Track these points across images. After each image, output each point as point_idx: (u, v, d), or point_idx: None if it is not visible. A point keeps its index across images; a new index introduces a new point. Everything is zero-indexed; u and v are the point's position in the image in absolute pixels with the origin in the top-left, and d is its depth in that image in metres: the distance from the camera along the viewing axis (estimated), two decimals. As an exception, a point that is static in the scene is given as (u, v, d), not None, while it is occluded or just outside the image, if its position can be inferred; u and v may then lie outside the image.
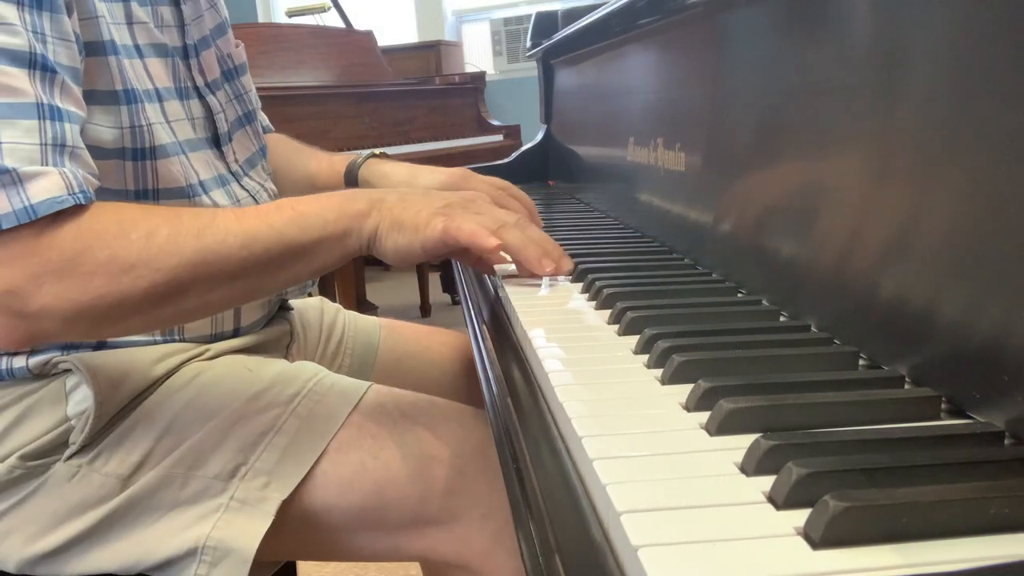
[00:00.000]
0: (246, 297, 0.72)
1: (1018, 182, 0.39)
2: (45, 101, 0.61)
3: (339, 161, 1.01)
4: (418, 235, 0.67)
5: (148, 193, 0.74)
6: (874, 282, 0.50)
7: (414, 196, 0.70)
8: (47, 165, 0.59)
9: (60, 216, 0.59)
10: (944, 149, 0.45)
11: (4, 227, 0.57)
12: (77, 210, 0.60)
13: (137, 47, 0.76)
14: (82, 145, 0.63)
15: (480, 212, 0.70)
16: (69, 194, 0.59)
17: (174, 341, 0.78)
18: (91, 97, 0.69)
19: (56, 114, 0.61)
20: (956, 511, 0.32)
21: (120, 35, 0.74)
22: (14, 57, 0.60)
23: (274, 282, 0.68)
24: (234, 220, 0.64)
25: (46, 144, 0.60)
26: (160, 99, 0.77)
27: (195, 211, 0.66)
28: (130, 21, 0.76)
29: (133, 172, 0.73)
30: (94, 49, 0.69)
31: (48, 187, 0.58)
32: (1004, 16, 0.41)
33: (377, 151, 1.03)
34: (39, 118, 0.60)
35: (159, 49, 0.79)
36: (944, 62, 0.46)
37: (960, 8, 0.44)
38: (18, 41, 0.60)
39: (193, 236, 0.62)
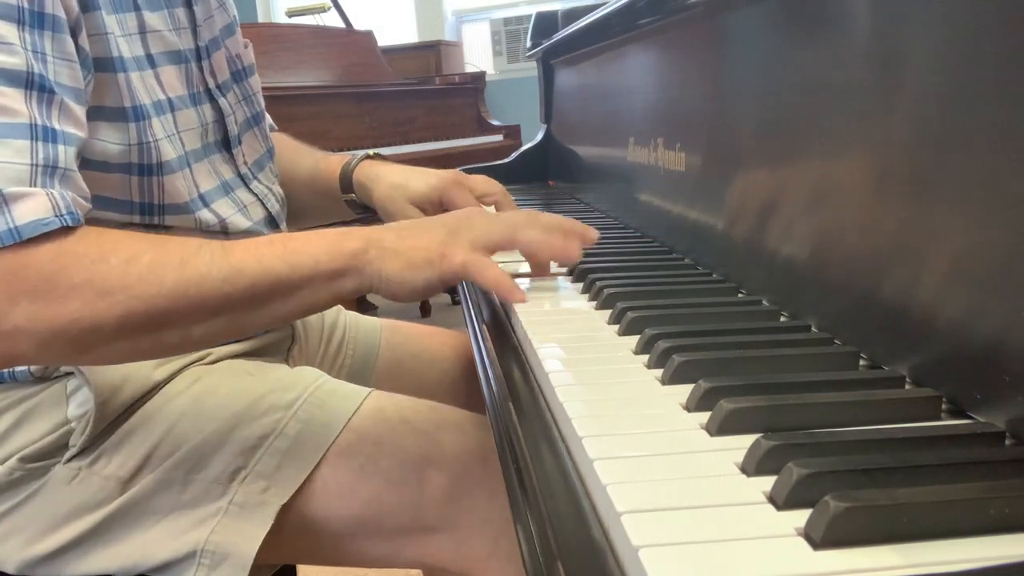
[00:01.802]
0: (230, 333, 0.69)
1: (1018, 182, 0.39)
2: (40, 122, 0.60)
3: (335, 161, 1.01)
4: (434, 269, 0.65)
5: (153, 208, 0.74)
6: (875, 282, 0.50)
7: (412, 229, 0.68)
8: (35, 186, 0.58)
9: (43, 237, 0.57)
10: (944, 149, 0.45)
11: None
12: (62, 232, 0.58)
13: (150, 57, 0.76)
14: (75, 167, 0.62)
15: (490, 225, 0.68)
16: (56, 216, 0.58)
17: (176, 344, 0.77)
18: (99, 113, 0.69)
19: (51, 135, 0.60)
20: (957, 511, 0.32)
21: (132, 47, 0.73)
22: (11, 77, 0.60)
23: (259, 319, 0.66)
24: (220, 253, 0.62)
25: (37, 165, 0.59)
26: (172, 109, 0.77)
27: (182, 240, 0.64)
28: (143, 31, 0.75)
29: (139, 187, 0.73)
30: (103, 65, 0.69)
31: (34, 208, 0.57)
32: (1004, 16, 0.41)
33: (371, 152, 1.02)
34: (32, 139, 0.59)
35: (173, 56, 0.79)
36: (944, 62, 0.46)
37: (959, 7, 0.44)
38: (16, 61, 0.60)
39: (175, 266, 0.60)
